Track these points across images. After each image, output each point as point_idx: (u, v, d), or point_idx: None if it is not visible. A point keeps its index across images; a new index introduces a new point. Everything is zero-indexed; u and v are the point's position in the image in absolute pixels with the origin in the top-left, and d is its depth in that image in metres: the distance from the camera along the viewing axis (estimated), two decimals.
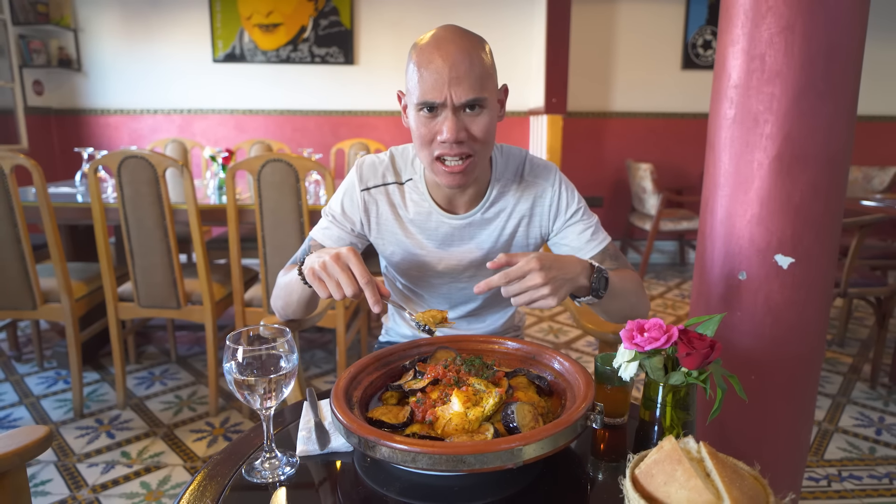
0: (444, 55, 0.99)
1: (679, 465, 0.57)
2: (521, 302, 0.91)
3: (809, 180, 1.27)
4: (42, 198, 2.14)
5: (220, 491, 0.77)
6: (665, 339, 0.72)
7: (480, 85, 1.01)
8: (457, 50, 0.99)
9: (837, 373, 2.85)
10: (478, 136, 1.03)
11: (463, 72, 0.99)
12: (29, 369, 2.82)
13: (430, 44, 1.01)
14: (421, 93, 1.01)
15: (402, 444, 0.69)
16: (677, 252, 5.11)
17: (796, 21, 1.21)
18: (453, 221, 1.17)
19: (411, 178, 1.18)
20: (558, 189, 1.21)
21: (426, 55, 1.00)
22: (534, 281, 0.88)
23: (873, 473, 2.04)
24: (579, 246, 1.20)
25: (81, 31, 4.51)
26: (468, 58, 1.00)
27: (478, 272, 1.21)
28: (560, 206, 1.21)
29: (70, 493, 1.90)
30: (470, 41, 1.02)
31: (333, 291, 0.92)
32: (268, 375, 0.76)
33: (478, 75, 1.01)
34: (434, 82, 0.99)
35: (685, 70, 4.83)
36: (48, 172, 4.50)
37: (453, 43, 1.00)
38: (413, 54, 1.03)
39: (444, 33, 1.02)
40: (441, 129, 1.01)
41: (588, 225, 1.21)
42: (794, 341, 1.36)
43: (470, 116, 1.03)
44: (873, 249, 3.21)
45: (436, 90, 0.99)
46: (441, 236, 1.18)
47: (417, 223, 1.18)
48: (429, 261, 1.20)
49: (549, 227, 1.22)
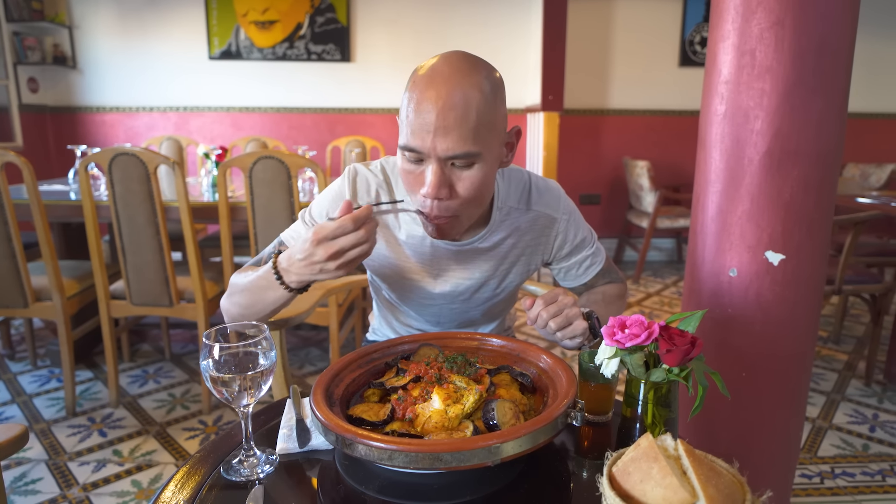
0: (435, 97, 0.85)
1: (655, 462, 0.57)
2: (559, 323, 0.93)
3: (800, 176, 1.27)
4: (33, 195, 2.13)
5: (198, 489, 0.77)
6: (646, 335, 0.72)
7: (473, 137, 0.87)
8: (450, 92, 0.85)
9: (832, 370, 2.84)
10: (462, 194, 0.91)
11: (452, 121, 0.85)
12: (22, 367, 2.81)
13: (425, 78, 0.88)
14: (406, 135, 0.89)
15: (378, 442, 0.68)
16: (674, 249, 5.11)
17: (786, 16, 1.20)
18: (450, 248, 1.08)
19: (404, 200, 1.07)
20: (567, 220, 1.14)
21: (418, 91, 0.87)
22: (565, 300, 0.93)
23: (866, 470, 2.03)
24: (579, 273, 1.22)
25: (76, 28, 4.49)
26: (462, 102, 0.86)
27: (473, 296, 1.15)
28: (567, 237, 1.16)
29: (60, 491, 1.90)
30: (469, 79, 0.87)
31: (353, 259, 0.84)
32: (245, 373, 0.75)
33: (471, 126, 0.87)
34: (419, 127, 0.87)
35: (682, 67, 4.82)
36: (43, 170, 4.49)
37: (448, 82, 0.86)
38: (409, 83, 0.90)
39: (443, 67, 0.88)
40: (423, 181, 0.90)
41: (589, 252, 1.20)
42: (785, 338, 1.36)
43: (458, 170, 0.90)
44: (869, 246, 3.21)
45: (419, 137, 0.87)
46: (436, 262, 1.10)
47: (411, 246, 1.09)
48: (422, 285, 1.12)
49: (552, 255, 1.18)
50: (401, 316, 1.25)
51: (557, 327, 0.93)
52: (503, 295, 1.19)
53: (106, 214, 2.28)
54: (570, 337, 0.94)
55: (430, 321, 1.22)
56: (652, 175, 4.30)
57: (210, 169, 2.96)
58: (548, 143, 4.11)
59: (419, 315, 1.21)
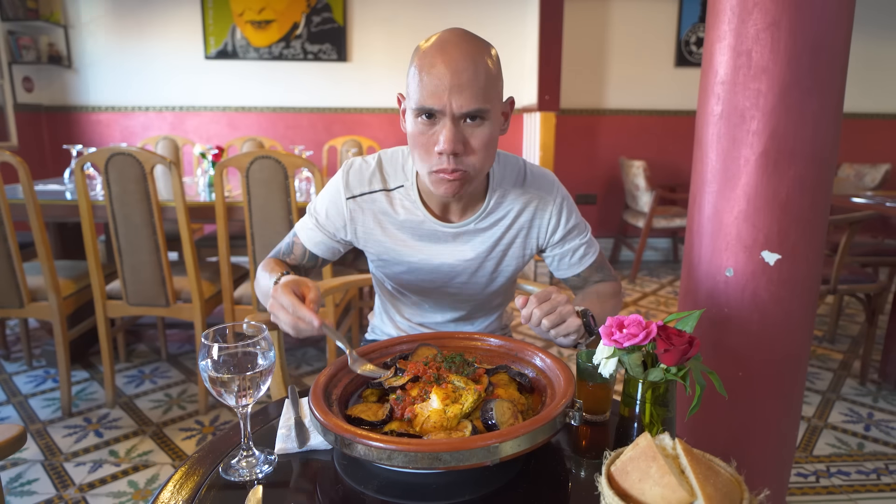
0: (447, 60, 0.94)
1: (654, 461, 0.57)
2: (552, 321, 0.94)
3: (796, 176, 1.27)
4: (28, 195, 2.13)
5: (197, 489, 0.77)
6: (644, 335, 0.72)
7: (484, 95, 0.96)
8: (461, 56, 0.94)
9: (828, 369, 2.86)
10: (476, 149, 0.98)
11: (466, 80, 0.94)
12: (17, 368, 2.80)
13: (434, 47, 0.96)
14: (420, 98, 0.96)
15: (377, 442, 0.68)
16: (670, 249, 5.12)
17: (782, 17, 1.21)
18: (447, 229, 1.13)
19: (402, 185, 1.13)
20: (560, 202, 1.18)
21: (429, 59, 0.95)
22: (558, 297, 0.95)
23: (861, 469, 2.04)
24: (573, 262, 1.24)
25: (72, 28, 4.48)
26: (472, 65, 0.94)
27: (470, 279, 1.19)
28: (560, 220, 1.18)
29: (56, 492, 1.89)
30: (476, 47, 0.96)
31: (288, 330, 0.91)
32: (244, 373, 0.75)
33: (482, 85, 0.95)
34: (435, 88, 0.94)
35: (678, 67, 4.83)
36: (39, 170, 4.47)
37: (458, 48, 0.95)
38: (416, 57, 0.98)
39: (450, 37, 0.97)
40: (438, 139, 0.97)
41: (583, 241, 1.23)
42: (780, 338, 1.36)
43: (470, 127, 0.97)
44: (864, 246, 3.22)
45: (435, 97, 0.94)
46: (433, 243, 1.15)
47: (409, 228, 1.14)
48: (419, 267, 1.17)
49: (546, 240, 1.20)
50: (402, 308, 1.29)
51: (551, 325, 0.94)
52: (501, 280, 1.22)
53: (102, 214, 2.27)
54: (564, 334, 0.95)
55: (431, 309, 1.25)
56: (648, 175, 4.31)
57: (206, 169, 2.96)
58: (544, 142, 4.12)
59: (421, 302, 1.25)
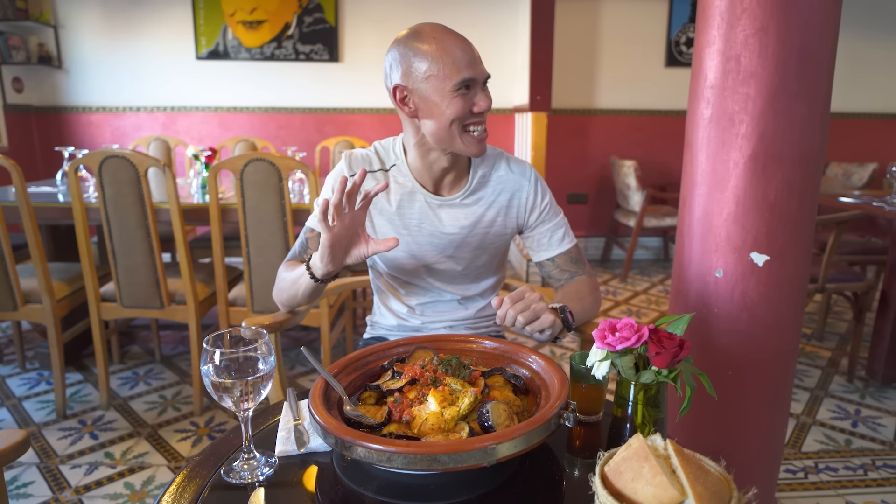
0: (456, 38, 1.09)
1: (646, 462, 0.59)
2: (527, 317, 1.00)
3: (784, 179, 1.30)
4: (21, 197, 2.12)
5: (199, 492, 0.78)
6: (636, 338, 0.74)
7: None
8: (457, 35, 1.11)
9: (816, 367, 2.90)
10: (490, 108, 1.15)
11: (477, 52, 1.12)
12: (10, 370, 2.79)
13: (436, 32, 1.09)
14: (458, 72, 1.07)
15: (377, 444, 0.69)
16: (661, 248, 5.16)
17: (770, 23, 1.23)
18: (436, 201, 1.24)
19: (395, 164, 1.25)
20: (534, 184, 1.29)
21: (438, 41, 1.08)
22: (532, 295, 1.02)
23: (849, 465, 2.08)
24: (550, 244, 1.30)
25: (62, 28, 4.45)
26: (468, 40, 1.12)
27: (456, 252, 1.27)
28: (535, 201, 1.29)
29: (53, 494, 1.89)
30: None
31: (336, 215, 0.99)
32: (245, 377, 0.76)
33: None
34: (469, 60, 1.08)
35: (669, 67, 4.86)
36: (29, 171, 4.44)
37: (451, 31, 1.11)
38: (417, 45, 1.09)
39: (435, 25, 1.11)
40: (476, 102, 1.11)
41: (559, 224, 1.31)
42: (769, 337, 1.39)
43: (485, 90, 1.14)
44: (851, 245, 3.26)
45: (471, 67, 1.08)
46: (423, 215, 1.24)
47: (402, 208, 1.24)
48: (410, 239, 1.25)
49: (524, 220, 1.30)
50: (399, 293, 1.34)
51: (526, 321, 1.00)
52: (485, 258, 1.29)
53: (95, 216, 2.27)
54: (539, 330, 1.02)
55: (424, 291, 1.31)
56: (639, 174, 4.34)
57: (199, 170, 2.95)
58: (536, 142, 4.14)
59: (413, 281, 1.30)
